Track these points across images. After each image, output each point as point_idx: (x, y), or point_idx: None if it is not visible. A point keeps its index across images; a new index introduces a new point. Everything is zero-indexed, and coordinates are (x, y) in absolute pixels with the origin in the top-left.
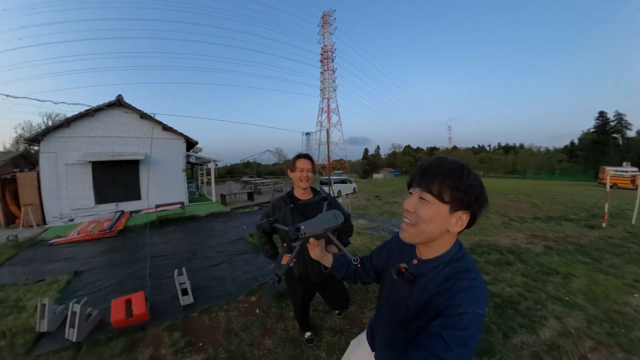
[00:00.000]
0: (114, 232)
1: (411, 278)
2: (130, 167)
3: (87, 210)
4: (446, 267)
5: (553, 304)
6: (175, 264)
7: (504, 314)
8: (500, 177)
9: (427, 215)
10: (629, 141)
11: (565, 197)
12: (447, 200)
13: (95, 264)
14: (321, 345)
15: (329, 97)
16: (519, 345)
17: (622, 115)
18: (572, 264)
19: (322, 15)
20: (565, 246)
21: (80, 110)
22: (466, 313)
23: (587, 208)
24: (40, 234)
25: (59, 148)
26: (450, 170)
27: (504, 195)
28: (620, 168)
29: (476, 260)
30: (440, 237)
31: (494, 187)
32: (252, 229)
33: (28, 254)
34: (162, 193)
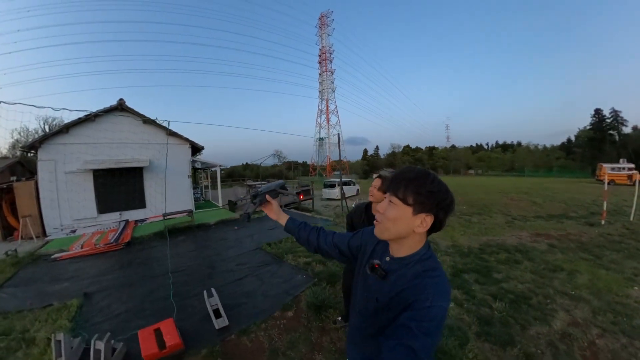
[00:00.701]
0: (121, 244)
1: (383, 274)
2: (133, 175)
3: (89, 221)
4: (415, 265)
5: (561, 298)
6: (196, 280)
7: (519, 309)
8: (499, 175)
9: (392, 215)
10: (625, 137)
11: (564, 195)
12: (410, 203)
13: (106, 283)
14: None
15: (327, 99)
16: (535, 335)
17: (618, 112)
18: (575, 261)
19: (320, 17)
20: (568, 244)
21: (80, 116)
22: (433, 307)
23: (586, 206)
24: (40, 247)
25: (58, 155)
26: (414, 178)
27: (504, 194)
28: (617, 164)
29: (485, 260)
30: (408, 237)
31: (494, 185)
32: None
33: (29, 272)
34: (167, 200)
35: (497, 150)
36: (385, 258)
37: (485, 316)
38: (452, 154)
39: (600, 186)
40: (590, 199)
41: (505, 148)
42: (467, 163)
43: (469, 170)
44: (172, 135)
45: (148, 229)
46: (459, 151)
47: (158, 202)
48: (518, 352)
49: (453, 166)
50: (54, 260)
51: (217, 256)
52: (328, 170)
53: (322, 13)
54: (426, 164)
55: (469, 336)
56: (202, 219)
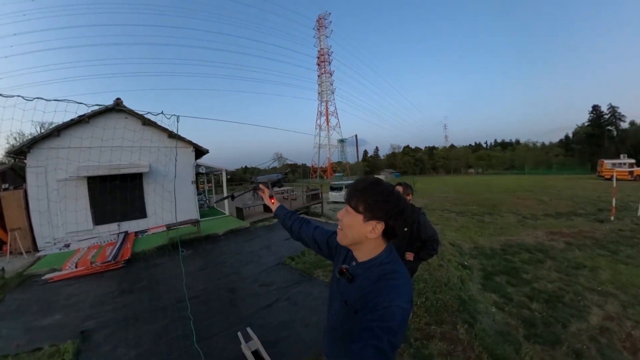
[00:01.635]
0: (120, 262)
1: (350, 277)
2: (132, 181)
3: (84, 233)
4: (377, 268)
5: (590, 294)
6: (217, 310)
7: (555, 307)
8: (500, 173)
9: (347, 222)
10: (623, 133)
11: (569, 192)
12: (360, 211)
13: (107, 316)
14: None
15: (327, 100)
16: (576, 332)
17: (616, 107)
18: (594, 257)
19: (318, 19)
20: (583, 241)
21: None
22: (390, 306)
23: (592, 202)
24: (31, 265)
25: (48, 161)
26: (364, 188)
27: (510, 192)
28: (618, 160)
29: (510, 261)
30: (363, 242)
31: (497, 184)
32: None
33: (17, 298)
34: (170, 209)
35: (496, 148)
36: (352, 263)
37: (527, 318)
38: (452, 153)
39: (602, 182)
40: (595, 196)
41: (505, 146)
42: (467, 162)
43: (469, 169)
44: (174, 137)
45: (150, 241)
46: (458, 150)
47: (160, 211)
48: (567, 349)
49: (453, 166)
50: (45, 282)
51: (235, 275)
52: (329, 172)
53: (320, 15)
54: (427, 164)
55: (520, 340)
56: (209, 229)
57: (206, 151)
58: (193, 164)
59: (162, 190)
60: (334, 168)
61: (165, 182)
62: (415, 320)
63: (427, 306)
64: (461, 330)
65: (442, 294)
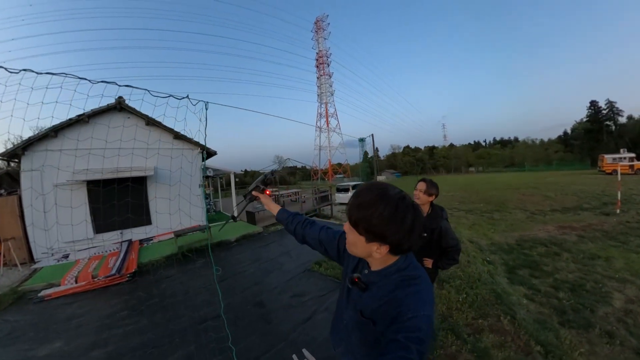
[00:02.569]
0: (126, 275)
1: (363, 286)
2: (136, 186)
3: (84, 242)
4: (394, 275)
5: (609, 281)
6: (249, 328)
7: (580, 295)
8: (500, 171)
9: (350, 240)
10: (622, 127)
11: (573, 188)
12: (361, 232)
13: (117, 343)
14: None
15: (327, 102)
16: (604, 315)
17: (613, 102)
18: (606, 248)
19: (316, 21)
20: (594, 234)
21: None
22: (415, 317)
23: (596, 197)
24: (26, 279)
25: (45, 165)
26: (366, 205)
27: (514, 189)
28: (618, 155)
29: (528, 255)
30: (373, 255)
31: (500, 182)
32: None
33: (10, 320)
34: (177, 215)
35: (496, 146)
36: (364, 271)
37: (557, 306)
38: (452, 152)
39: (604, 177)
40: (598, 190)
41: (504, 144)
42: (468, 161)
43: (469, 168)
44: (179, 138)
45: (157, 251)
46: (458, 149)
47: (166, 217)
48: (599, 331)
49: (454, 165)
50: (41, 299)
51: (259, 286)
52: (330, 173)
53: (318, 17)
54: (427, 164)
55: (556, 326)
56: (220, 235)
57: (214, 153)
58: (201, 167)
59: (168, 195)
60: (335, 170)
61: (171, 185)
62: (463, 317)
63: (470, 302)
64: (505, 322)
65: (479, 288)
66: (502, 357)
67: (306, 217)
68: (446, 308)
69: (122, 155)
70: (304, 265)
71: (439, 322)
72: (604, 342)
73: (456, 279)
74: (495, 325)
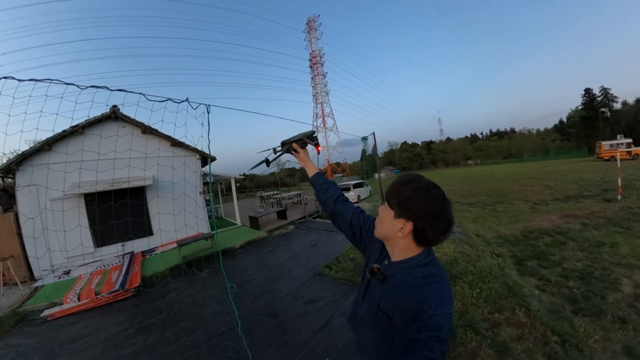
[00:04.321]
0: (130, 290)
1: (382, 277)
2: (135, 196)
3: (85, 257)
4: (414, 270)
5: (616, 267)
6: (264, 340)
7: (590, 282)
8: (499, 162)
9: (382, 215)
10: (617, 113)
11: (572, 176)
12: (392, 207)
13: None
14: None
15: (322, 102)
16: (614, 302)
17: (608, 89)
18: (611, 234)
19: (307, 22)
20: (597, 221)
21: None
22: (436, 315)
23: (596, 184)
24: (27, 299)
25: (40, 179)
26: (400, 182)
27: (515, 180)
28: (615, 141)
29: (535, 245)
30: (394, 240)
31: (500, 173)
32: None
33: (13, 345)
34: (179, 224)
35: (493, 138)
36: (385, 262)
37: (568, 295)
38: (450, 146)
39: (602, 164)
40: (598, 177)
41: (501, 135)
42: (465, 154)
43: (468, 160)
44: (177, 145)
45: (160, 262)
46: (455, 143)
47: (168, 226)
48: (612, 318)
49: (452, 158)
50: (44, 320)
51: (270, 294)
52: (329, 173)
53: (309, 18)
54: (426, 159)
55: (569, 315)
56: (224, 243)
57: (213, 158)
58: (200, 173)
59: (168, 204)
60: (334, 169)
61: (171, 194)
62: (479, 312)
63: (484, 296)
64: (520, 314)
65: (491, 282)
66: (522, 349)
67: (341, 192)
68: (462, 304)
69: (119, 167)
70: (313, 269)
71: (456, 318)
72: (617, 328)
73: (468, 274)
74: (512, 318)
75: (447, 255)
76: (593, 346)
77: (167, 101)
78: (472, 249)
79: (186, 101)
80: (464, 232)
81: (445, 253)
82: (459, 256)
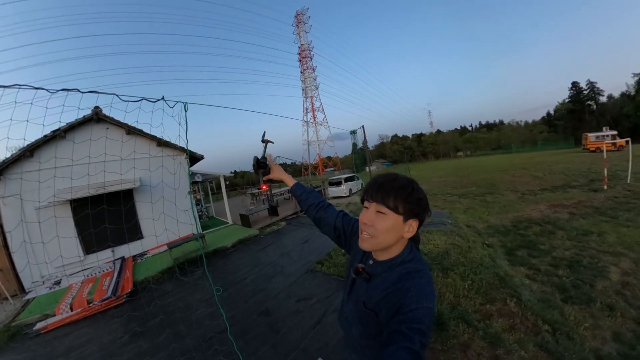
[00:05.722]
0: (122, 297)
1: (367, 277)
2: (122, 199)
3: (75, 265)
4: (398, 267)
5: (604, 255)
6: (258, 340)
7: (579, 271)
8: (488, 154)
9: (385, 226)
10: (603, 106)
11: (560, 167)
12: (401, 212)
13: None
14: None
15: (312, 96)
16: (603, 289)
17: (594, 83)
18: (598, 223)
19: (296, 15)
20: (584, 210)
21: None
22: (418, 309)
23: (583, 174)
24: (19, 313)
25: (23, 188)
26: (402, 187)
27: (504, 171)
28: (601, 133)
29: (525, 235)
30: (395, 244)
31: (490, 165)
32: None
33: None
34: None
35: (482, 130)
36: (369, 262)
37: (558, 284)
38: (440, 138)
39: (588, 155)
40: (584, 168)
41: (490, 127)
42: (455, 146)
43: (458, 152)
44: (164, 145)
45: (152, 266)
46: (446, 135)
47: (157, 229)
48: (600, 305)
49: (442, 150)
50: (37, 333)
51: (262, 293)
52: (320, 168)
53: (298, 11)
54: (416, 151)
55: (559, 304)
56: (215, 243)
57: (201, 157)
58: (188, 173)
59: (157, 205)
60: (325, 163)
61: (159, 195)
62: (471, 303)
63: (475, 288)
64: (511, 304)
65: (482, 273)
66: (514, 340)
67: (322, 198)
68: (454, 296)
69: (106, 170)
70: (305, 266)
71: (448, 311)
72: (606, 315)
73: (460, 265)
74: (503, 309)
75: (438, 247)
76: (583, 334)
77: (142, 101)
78: (463, 240)
79: (162, 100)
80: (455, 224)
81: (437, 245)
82: (450, 248)
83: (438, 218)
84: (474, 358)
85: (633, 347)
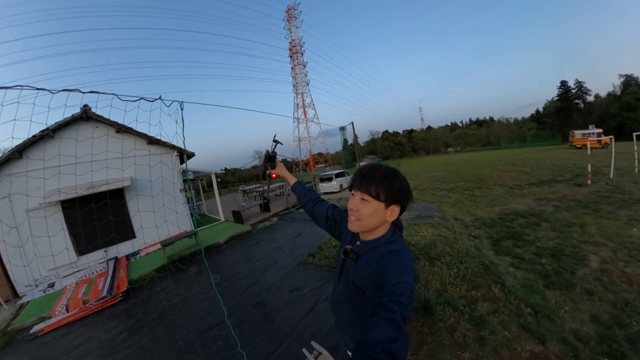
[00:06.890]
0: (118, 296)
1: (355, 256)
2: (113, 199)
3: (69, 267)
4: (381, 247)
5: (585, 245)
6: (253, 329)
7: (560, 259)
8: (478, 150)
9: (368, 211)
10: (590, 105)
11: (547, 162)
12: (382, 199)
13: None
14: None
15: (302, 92)
16: (583, 276)
17: (582, 82)
18: (580, 215)
19: (287, 10)
20: (568, 203)
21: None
22: (399, 282)
23: (569, 169)
24: (14, 317)
25: (13, 190)
26: (383, 176)
27: (493, 167)
28: (587, 130)
29: (510, 227)
30: (379, 226)
31: (479, 160)
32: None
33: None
34: (161, 224)
35: (472, 127)
36: (356, 243)
37: (541, 271)
38: (430, 134)
39: (574, 151)
40: (570, 164)
41: (480, 124)
42: (446, 142)
43: (448, 148)
44: (154, 143)
45: (146, 264)
46: (436, 131)
47: (150, 227)
48: (580, 290)
49: (432, 146)
50: (34, 336)
51: (256, 286)
52: (311, 164)
53: (289, 5)
54: (407, 147)
55: (542, 289)
56: (208, 239)
57: (192, 154)
58: (179, 170)
59: (149, 204)
60: (316, 160)
61: (150, 194)
62: (457, 290)
63: (461, 276)
64: (496, 290)
65: (468, 262)
66: (497, 321)
67: (317, 195)
68: (440, 284)
69: (95, 169)
70: (297, 258)
71: (435, 297)
72: (585, 299)
73: (446, 255)
74: (488, 294)
75: (425, 239)
76: (563, 316)
77: (140, 100)
78: (450, 232)
79: (159, 99)
80: (443, 217)
81: (424, 237)
82: (437, 239)
83: (426, 211)
84: (460, 339)
85: (609, 327)
